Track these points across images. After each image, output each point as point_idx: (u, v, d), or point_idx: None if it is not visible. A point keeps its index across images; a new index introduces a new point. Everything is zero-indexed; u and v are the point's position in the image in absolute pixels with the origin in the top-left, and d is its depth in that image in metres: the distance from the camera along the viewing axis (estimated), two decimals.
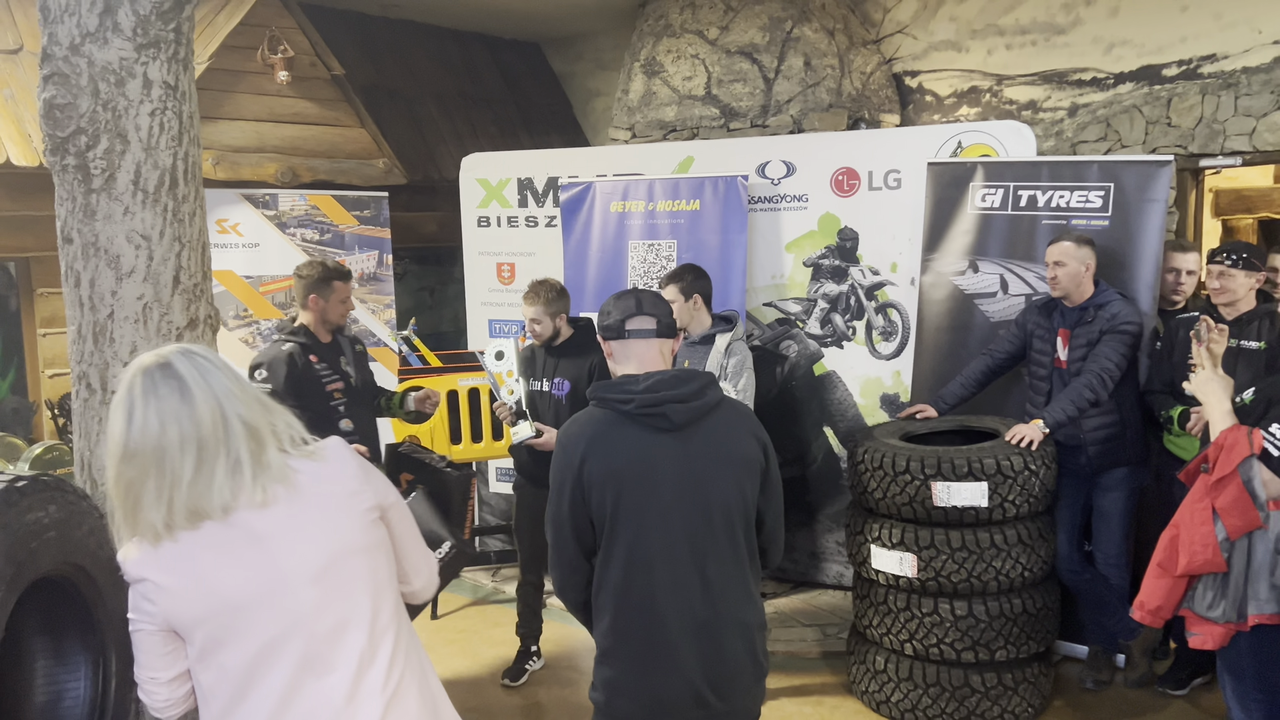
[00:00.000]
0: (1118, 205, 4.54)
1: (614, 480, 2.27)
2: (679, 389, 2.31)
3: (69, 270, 2.69)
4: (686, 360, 4.24)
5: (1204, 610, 2.85)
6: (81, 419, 2.73)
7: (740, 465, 2.36)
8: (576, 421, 2.39)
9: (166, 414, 1.68)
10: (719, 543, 2.32)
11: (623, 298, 2.46)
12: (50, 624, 2.24)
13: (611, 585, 2.30)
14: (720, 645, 2.31)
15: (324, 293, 4.05)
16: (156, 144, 2.67)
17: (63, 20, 2.58)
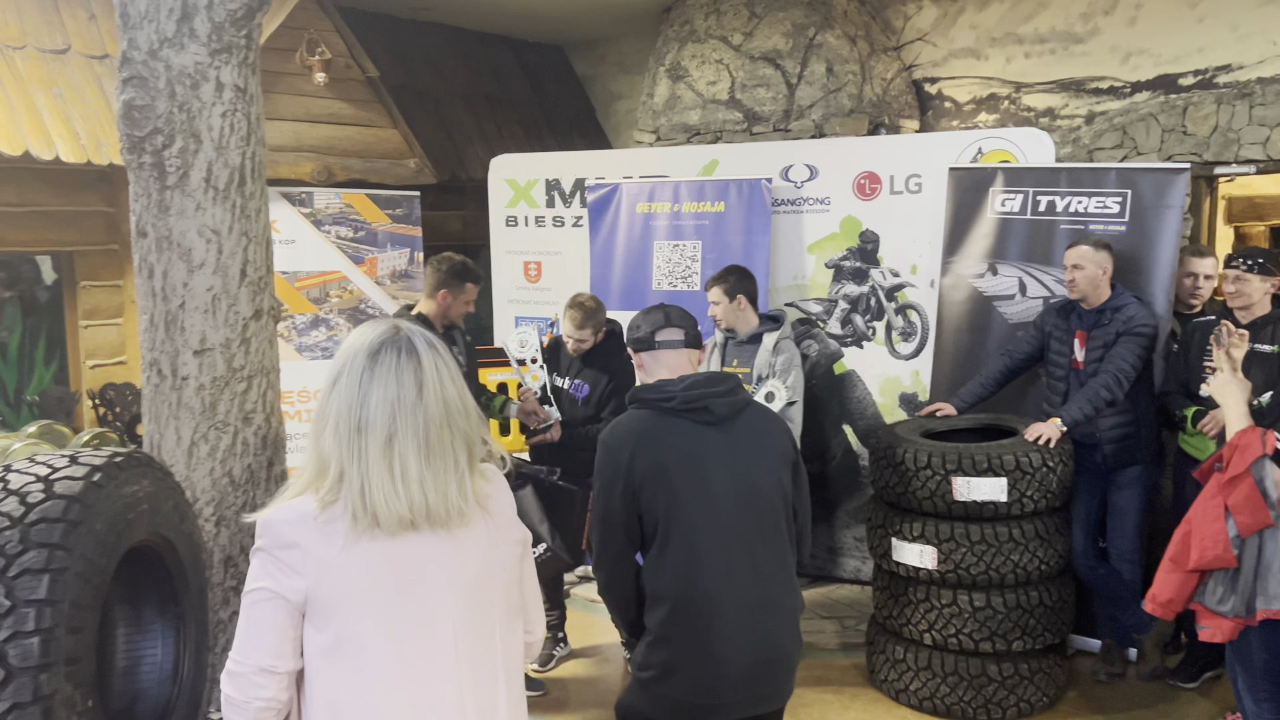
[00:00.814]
0: (1135, 211, 4.66)
1: (664, 474, 2.40)
2: (716, 386, 2.48)
3: (143, 262, 2.84)
4: (735, 359, 4.37)
5: (1214, 604, 2.96)
6: (152, 403, 2.88)
7: (778, 456, 2.53)
8: (620, 424, 2.52)
9: (397, 399, 1.58)
10: (766, 529, 2.47)
11: (651, 312, 2.63)
12: (132, 593, 2.38)
13: (670, 574, 2.41)
14: (770, 629, 2.46)
15: (455, 290, 4.12)
16: (227, 144, 2.82)
17: (142, 26, 2.73)
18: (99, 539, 1.96)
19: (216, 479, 2.86)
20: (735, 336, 4.40)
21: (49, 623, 1.79)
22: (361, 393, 1.59)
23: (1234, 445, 2.86)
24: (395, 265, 5.96)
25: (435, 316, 4.18)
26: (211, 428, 2.85)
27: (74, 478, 1.97)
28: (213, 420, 2.85)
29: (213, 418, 2.85)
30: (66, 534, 1.87)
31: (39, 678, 1.77)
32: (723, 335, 4.44)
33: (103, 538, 1.97)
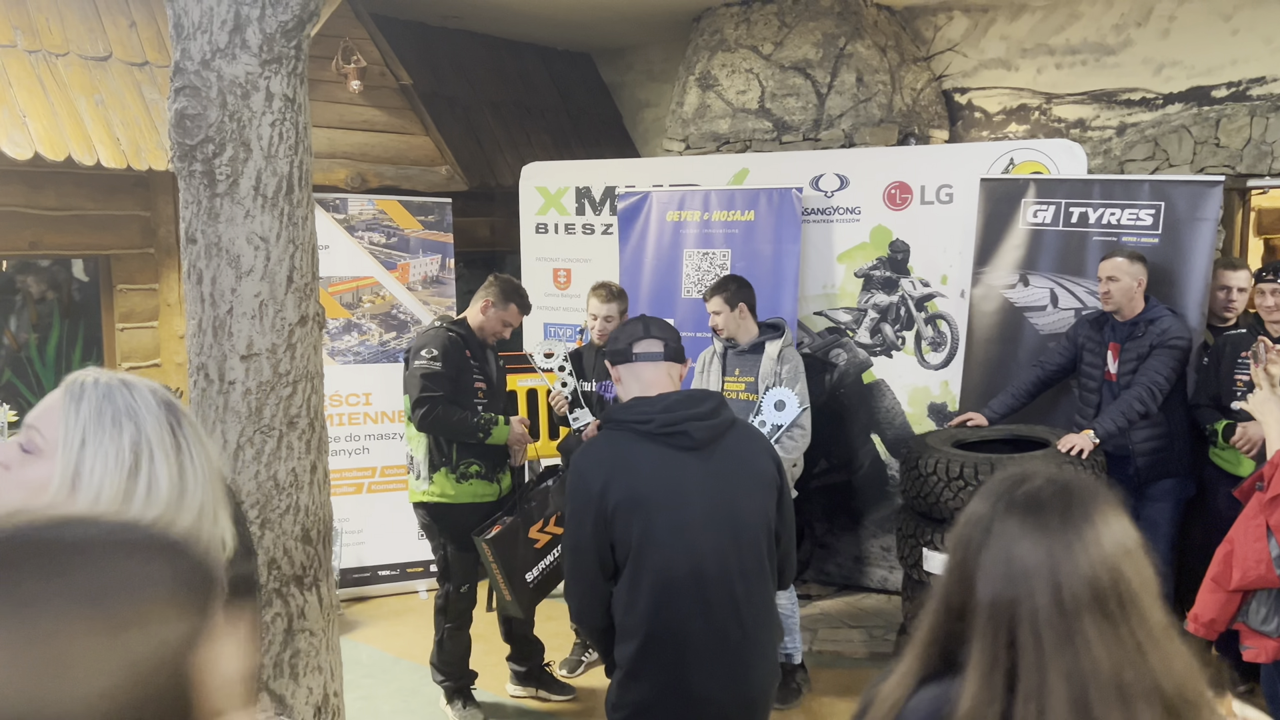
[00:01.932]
0: (1168, 223, 4.66)
1: (639, 503, 2.27)
2: (696, 408, 2.33)
3: (191, 268, 2.88)
4: (737, 369, 4.37)
5: (1258, 624, 2.94)
6: (199, 408, 2.92)
7: (759, 482, 2.39)
8: (593, 446, 2.41)
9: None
10: (746, 562, 2.33)
11: (631, 323, 2.51)
12: None
13: (642, 608, 2.28)
14: (749, 663, 2.33)
15: (499, 305, 4.22)
16: (276, 152, 2.86)
17: (195, 37, 2.77)
18: None
19: (261, 482, 2.90)
20: (736, 346, 4.39)
21: None
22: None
23: (1275, 464, 2.85)
24: (427, 271, 6.00)
25: (476, 327, 4.26)
26: (257, 431, 2.89)
27: None
28: (258, 424, 2.89)
29: (258, 422, 2.89)
30: None
31: None
32: (723, 345, 4.42)
33: None
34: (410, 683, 4.70)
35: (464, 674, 4.37)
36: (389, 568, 5.84)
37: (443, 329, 4.18)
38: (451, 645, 4.27)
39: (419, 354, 4.08)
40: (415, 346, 4.17)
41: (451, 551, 4.21)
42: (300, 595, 3.01)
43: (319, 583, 3.07)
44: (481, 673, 4.48)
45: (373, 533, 5.78)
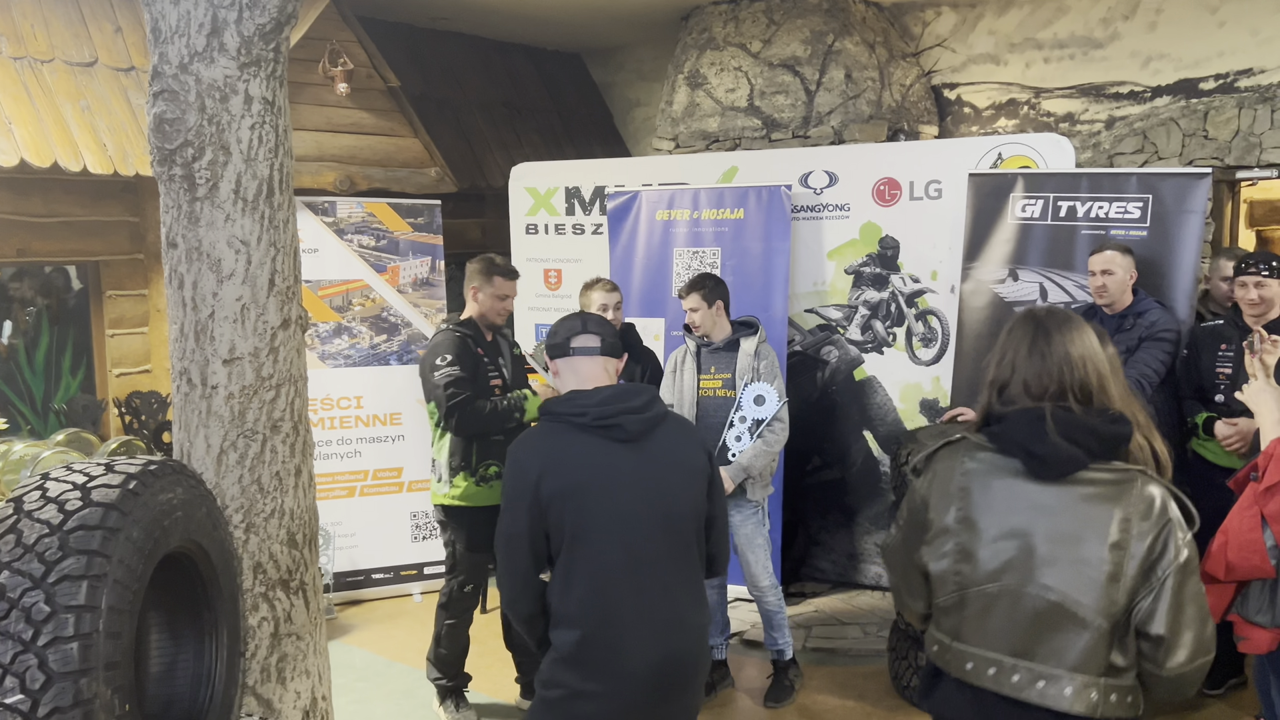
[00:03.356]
0: (1156, 216, 4.66)
1: (574, 492, 2.35)
2: (631, 401, 2.42)
3: (173, 273, 2.87)
4: (712, 366, 4.35)
5: (1253, 615, 2.93)
6: (182, 412, 2.91)
7: (691, 474, 2.49)
8: (529, 437, 2.48)
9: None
10: (676, 548, 2.43)
11: (569, 319, 2.58)
12: (166, 599, 2.42)
13: (577, 594, 2.37)
14: (677, 649, 2.41)
15: (483, 284, 4.17)
16: (255, 155, 2.85)
17: (173, 41, 2.77)
18: (136, 546, 1.99)
19: (245, 486, 2.89)
20: (710, 344, 4.38)
21: (88, 628, 1.82)
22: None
23: (1269, 454, 2.84)
24: (417, 273, 6.00)
25: (477, 318, 4.22)
26: (240, 436, 2.88)
27: (111, 486, 2.00)
28: (242, 429, 2.88)
29: (241, 426, 2.88)
30: (105, 541, 1.90)
31: (79, 682, 1.80)
32: (695, 343, 4.40)
33: (139, 544, 2.00)
34: (404, 685, 4.69)
35: (459, 674, 4.36)
36: (382, 571, 5.83)
37: (450, 331, 4.17)
38: (449, 642, 4.26)
39: (435, 363, 4.04)
40: (428, 356, 4.11)
41: (461, 550, 4.20)
42: (286, 599, 3.00)
43: (305, 586, 3.06)
44: (476, 675, 4.47)
45: (365, 536, 5.77)
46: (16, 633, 1.80)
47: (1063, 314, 2.11)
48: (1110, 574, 1.91)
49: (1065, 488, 1.97)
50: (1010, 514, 2.00)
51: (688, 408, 4.33)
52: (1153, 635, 1.91)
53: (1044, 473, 1.98)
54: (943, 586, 2.08)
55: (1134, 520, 1.93)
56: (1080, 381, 2.02)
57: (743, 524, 4.32)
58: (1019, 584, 1.98)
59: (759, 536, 4.35)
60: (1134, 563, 1.91)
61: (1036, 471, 1.99)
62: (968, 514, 2.03)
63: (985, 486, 2.03)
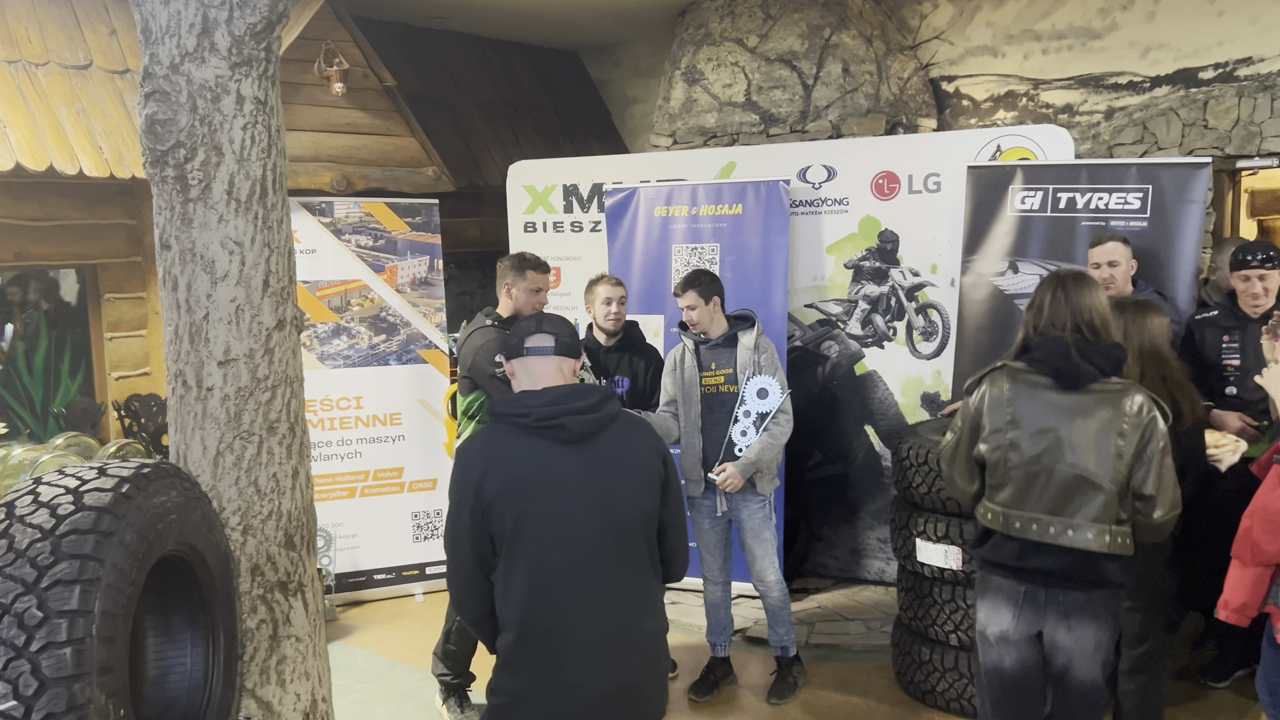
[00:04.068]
0: (1156, 207, 4.64)
1: (515, 495, 2.31)
2: (577, 401, 2.36)
3: (166, 275, 2.86)
4: (712, 362, 4.33)
5: None
6: (177, 414, 2.89)
7: (641, 476, 2.42)
8: (474, 439, 2.45)
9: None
10: (623, 554, 2.37)
11: (526, 320, 2.54)
12: (162, 603, 2.40)
13: (516, 599, 2.32)
14: (624, 656, 2.35)
15: (515, 280, 4.16)
16: (248, 156, 2.84)
17: (163, 41, 2.75)
18: (129, 549, 1.97)
19: (242, 488, 2.87)
20: (707, 340, 4.35)
21: (81, 633, 1.81)
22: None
23: None
24: (415, 273, 5.98)
25: (514, 313, 4.21)
26: (237, 438, 2.86)
27: (103, 489, 1.99)
28: (238, 430, 2.86)
29: (238, 428, 2.86)
30: (98, 545, 1.89)
31: (73, 687, 1.79)
32: (693, 340, 4.37)
33: (133, 548, 1.99)
34: (406, 686, 4.68)
35: (465, 673, 4.35)
36: (384, 571, 5.82)
37: (494, 328, 4.15)
38: (460, 639, 4.24)
39: (491, 362, 4.00)
40: (475, 352, 4.07)
41: None
42: (285, 601, 2.98)
43: (304, 588, 3.05)
44: (480, 677, 4.46)
45: (367, 537, 5.76)
46: (9, 638, 1.79)
47: (1077, 274, 2.96)
48: (1116, 454, 2.76)
49: (1082, 395, 2.80)
50: (1044, 415, 2.82)
51: (692, 405, 4.32)
52: (1144, 494, 2.78)
53: (1068, 384, 2.81)
54: (995, 470, 2.90)
55: (1130, 417, 2.76)
56: (1088, 321, 2.85)
57: (750, 517, 4.31)
58: (1052, 463, 2.80)
59: (766, 530, 4.34)
60: (1131, 447, 2.76)
61: (1063, 383, 2.82)
62: (1014, 416, 2.86)
63: (1025, 396, 2.86)
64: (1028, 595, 2.87)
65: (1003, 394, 2.89)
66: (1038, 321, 2.92)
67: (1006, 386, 2.89)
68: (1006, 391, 2.89)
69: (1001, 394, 2.89)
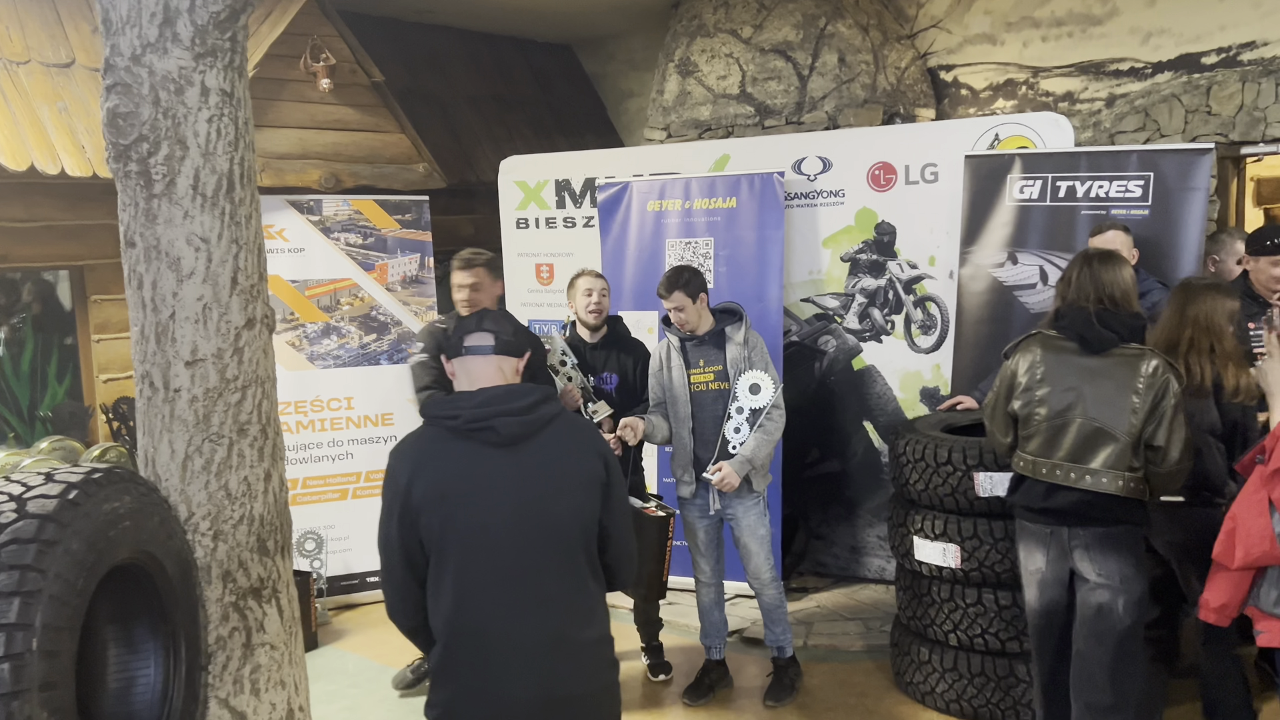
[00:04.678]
0: (1158, 194, 4.53)
1: (443, 500, 2.22)
2: (511, 403, 2.26)
3: (131, 273, 2.77)
4: (701, 360, 4.22)
5: (1270, 607, 2.80)
6: (145, 417, 2.81)
7: (578, 480, 2.31)
8: (405, 442, 2.37)
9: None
10: (556, 561, 2.26)
11: (467, 318, 2.43)
12: (122, 612, 2.32)
13: (444, 609, 2.24)
14: (558, 667, 2.25)
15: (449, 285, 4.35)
16: (214, 149, 2.75)
17: (124, 32, 2.67)
18: (76, 559, 1.89)
19: (213, 492, 2.78)
20: (694, 337, 4.24)
21: (20, 647, 1.72)
22: None
23: (1277, 436, 2.72)
24: (406, 271, 5.89)
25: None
26: (206, 440, 2.78)
27: (48, 496, 1.91)
28: (207, 433, 2.78)
29: (207, 430, 2.78)
30: (40, 555, 1.80)
31: (11, 704, 1.70)
32: (679, 337, 4.26)
33: (80, 558, 1.90)
34: (397, 691, 4.60)
35: None
36: (376, 575, 5.73)
37: (431, 324, 4.31)
38: None
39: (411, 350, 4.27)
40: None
41: None
42: (259, 608, 2.90)
43: (279, 594, 2.96)
44: None
45: (359, 539, 5.67)
46: None
47: (1105, 253, 3.32)
48: (1131, 410, 3.08)
49: (1104, 358, 3.14)
50: (1069, 375, 3.17)
51: (681, 404, 4.22)
52: (1155, 446, 3.08)
53: (1091, 348, 3.16)
54: (1026, 424, 3.28)
55: (1145, 378, 3.08)
56: (1109, 294, 3.17)
57: (745, 514, 4.21)
58: (1074, 417, 3.15)
59: (761, 527, 4.25)
60: (1145, 404, 3.07)
61: (1086, 347, 3.17)
62: (1043, 376, 3.22)
63: (1054, 359, 3.21)
64: (1054, 535, 3.24)
65: (1035, 357, 3.26)
66: (1066, 293, 3.25)
67: (1038, 351, 3.26)
68: (1038, 355, 3.25)
69: (1034, 357, 3.26)
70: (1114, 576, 3.15)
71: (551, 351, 4.34)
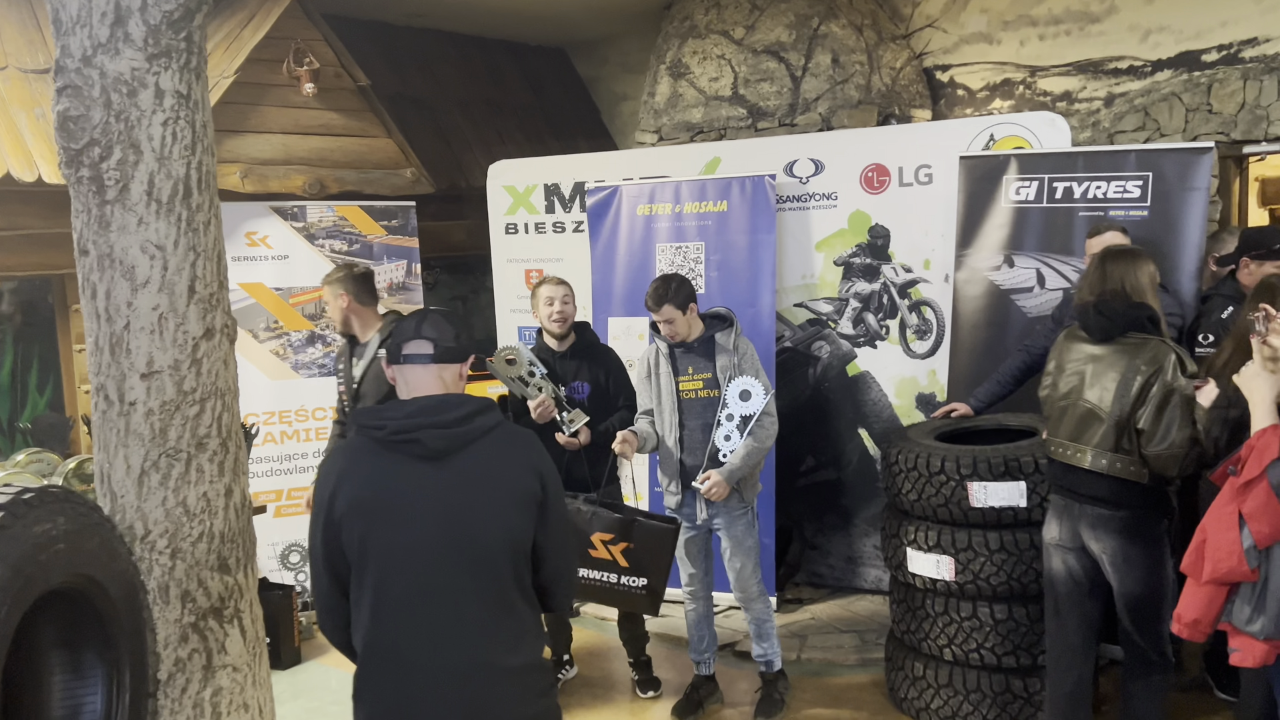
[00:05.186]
0: (1157, 195, 4.42)
1: (362, 514, 2.12)
2: (441, 415, 2.14)
3: (85, 282, 2.69)
4: (690, 367, 4.10)
5: (1243, 625, 2.68)
6: (100, 431, 2.72)
7: (509, 496, 2.18)
8: (335, 451, 2.28)
9: None
10: (480, 581, 2.14)
11: (407, 320, 2.31)
12: (67, 638, 2.22)
13: (362, 627, 2.14)
14: (480, 694, 2.13)
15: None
16: (169, 153, 2.66)
17: (75, 32, 2.58)
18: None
19: (170, 509, 2.69)
20: (683, 343, 4.12)
21: None
22: None
23: (1252, 445, 2.60)
24: (392, 278, 5.80)
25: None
26: (163, 455, 2.68)
27: None
28: (164, 447, 2.68)
29: (163, 444, 2.68)
30: None
31: None
32: (667, 344, 4.13)
33: (5, 582, 1.80)
34: None
35: None
36: None
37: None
38: None
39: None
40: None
41: None
42: (220, 629, 2.80)
43: (241, 614, 2.86)
44: None
45: None
46: None
47: (1120, 250, 3.47)
48: (1124, 394, 3.19)
49: (1111, 346, 3.28)
50: (1078, 362, 3.35)
51: (669, 412, 4.11)
52: (1139, 429, 3.18)
53: (1094, 336, 3.32)
54: (1045, 405, 3.48)
55: (1140, 365, 3.19)
56: (1112, 287, 3.31)
57: (732, 525, 4.10)
58: (1075, 399, 3.32)
59: (749, 538, 4.13)
60: (1134, 389, 3.18)
61: (1092, 336, 3.32)
62: (1058, 363, 3.43)
63: (1070, 347, 3.41)
64: (1066, 508, 3.41)
65: (1059, 345, 3.49)
66: (1082, 286, 3.48)
67: (1062, 340, 3.48)
68: (1060, 344, 3.48)
69: (1058, 346, 3.49)
70: (1117, 556, 3.27)
71: (518, 363, 4.21)
